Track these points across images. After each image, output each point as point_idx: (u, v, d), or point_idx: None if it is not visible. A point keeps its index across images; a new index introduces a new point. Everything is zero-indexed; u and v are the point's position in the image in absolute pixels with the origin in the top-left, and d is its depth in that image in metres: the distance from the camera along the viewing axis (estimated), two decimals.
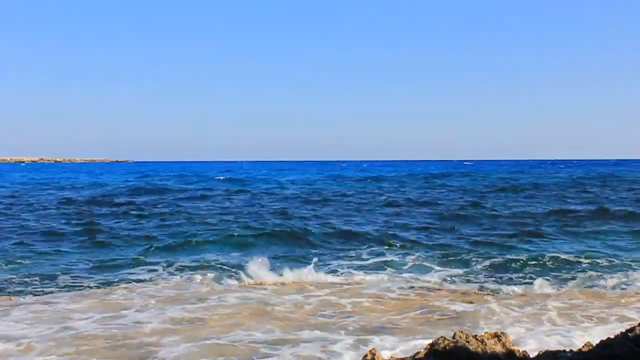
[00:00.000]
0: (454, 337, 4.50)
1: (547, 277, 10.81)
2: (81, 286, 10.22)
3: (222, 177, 52.78)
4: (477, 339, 4.46)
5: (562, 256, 12.59)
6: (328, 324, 7.71)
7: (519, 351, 4.45)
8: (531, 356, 4.41)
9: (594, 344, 4.28)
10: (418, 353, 4.51)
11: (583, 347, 4.37)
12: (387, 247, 14.10)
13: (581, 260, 12.27)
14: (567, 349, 4.47)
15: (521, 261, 12.24)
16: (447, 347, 4.41)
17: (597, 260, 12.18)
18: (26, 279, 10.69)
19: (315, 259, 12.45)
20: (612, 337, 4.20)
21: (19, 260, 12.32)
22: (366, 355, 4.52)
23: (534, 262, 12.16)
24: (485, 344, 4.41)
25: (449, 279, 10.87)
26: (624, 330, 4.20)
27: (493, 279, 10.92)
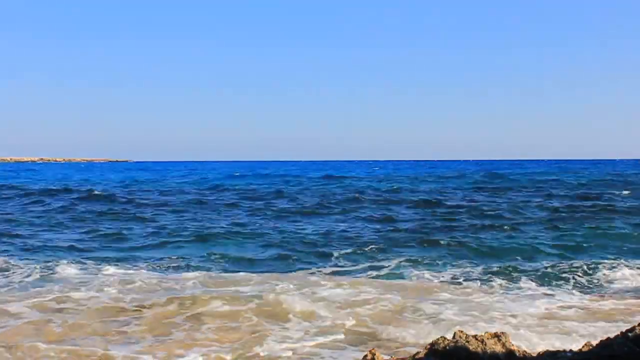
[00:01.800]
0: (453, 337, 4.49)
1: None
2: None
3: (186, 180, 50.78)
4: (477, 339, 4.45)
5: None
6: None
7: (518, 351, 4.44)
8: (531, 356, 4.41)
9: (594, 344, 4.28)
10: (418, 353, 4.50)
11: (583, 347, 4.37)
12: None
13: None
14: (567, 349, 4.47)
15: None
16: (447, 347, 4.40)
17: None
18: None
19: None
20: (612, 336, 4.20)
21: None
22: (366, 355, 4.51)
23: None
24: (485, 344, 4.41)
25: None
26: (624, 330, 4.20)
27: None
